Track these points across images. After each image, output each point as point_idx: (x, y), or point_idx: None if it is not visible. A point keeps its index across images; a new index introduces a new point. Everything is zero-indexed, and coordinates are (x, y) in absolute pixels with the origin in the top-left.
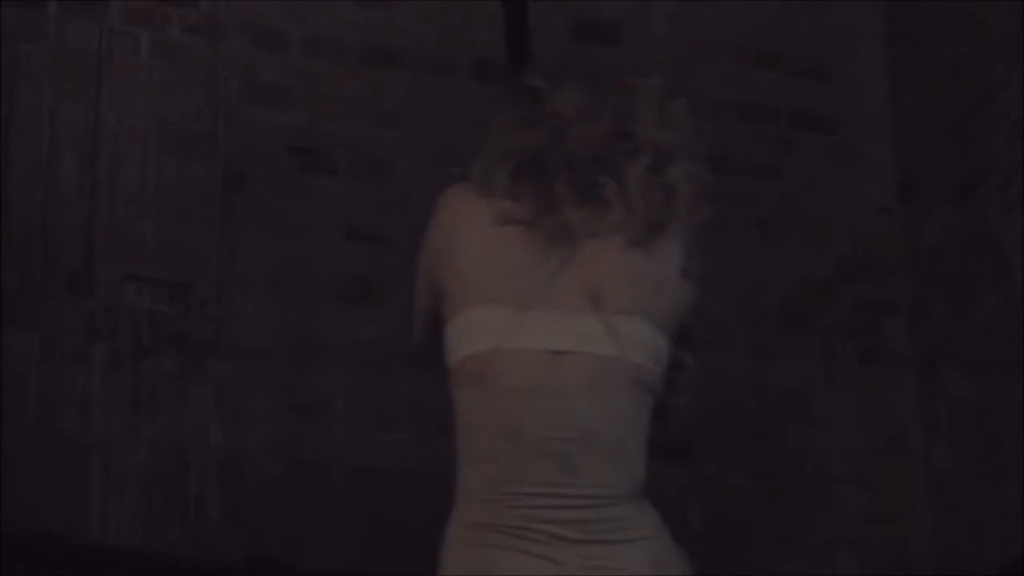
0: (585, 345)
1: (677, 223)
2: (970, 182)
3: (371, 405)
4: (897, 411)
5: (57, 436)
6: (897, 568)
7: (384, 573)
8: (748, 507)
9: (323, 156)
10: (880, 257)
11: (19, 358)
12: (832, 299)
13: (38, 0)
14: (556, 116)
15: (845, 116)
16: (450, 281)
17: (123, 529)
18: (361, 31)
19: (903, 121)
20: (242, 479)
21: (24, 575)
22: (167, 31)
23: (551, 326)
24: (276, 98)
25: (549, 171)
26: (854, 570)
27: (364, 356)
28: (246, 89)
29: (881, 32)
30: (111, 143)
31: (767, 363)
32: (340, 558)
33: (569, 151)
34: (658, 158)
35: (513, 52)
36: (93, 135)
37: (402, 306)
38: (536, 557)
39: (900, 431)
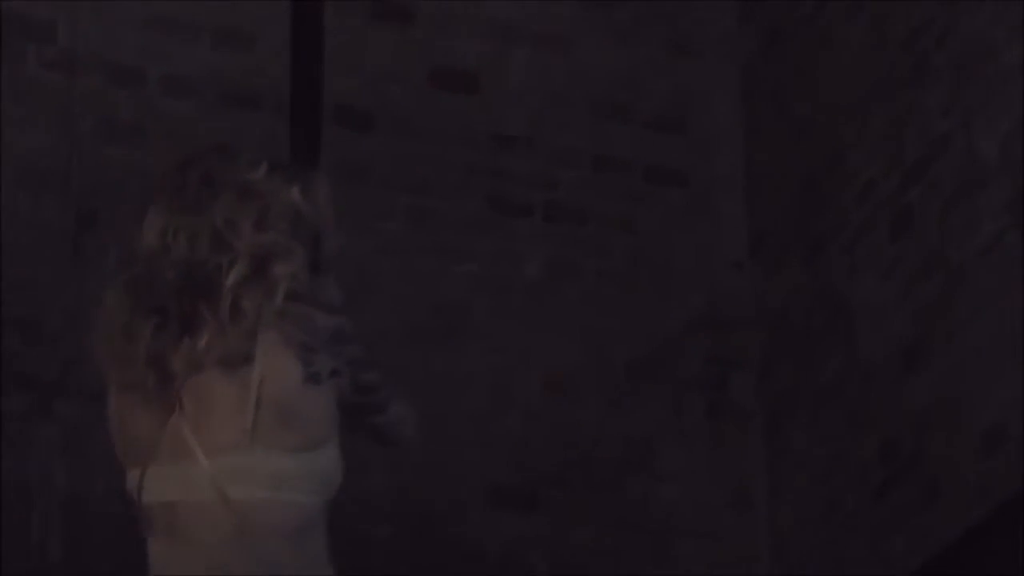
0: (188, 494)
1: (281, 329)
2: (820, 241)
3: None
4: (742, 466)
5: None
6: None
7: None
8: (592, 558)
9: None
10: (730, 312)
11: None
12: (681, 353)
13: None
14: (146, 250)
15: (699, 171)
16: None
17: None
18: (219, 72)
19: (756, 178)
20: (87, 520)
21: None
22: (24, 66)
23: (163, 479)
24: (132, 137)
25: (145, 321)
26: None
27: None
28: (101, 127)
29: (736, 89)
30: None
31: (615, 415)
32: None
33: (165, 281)
34: (258, 263)
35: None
36: None
37: None
38: None
39: (745, 486)
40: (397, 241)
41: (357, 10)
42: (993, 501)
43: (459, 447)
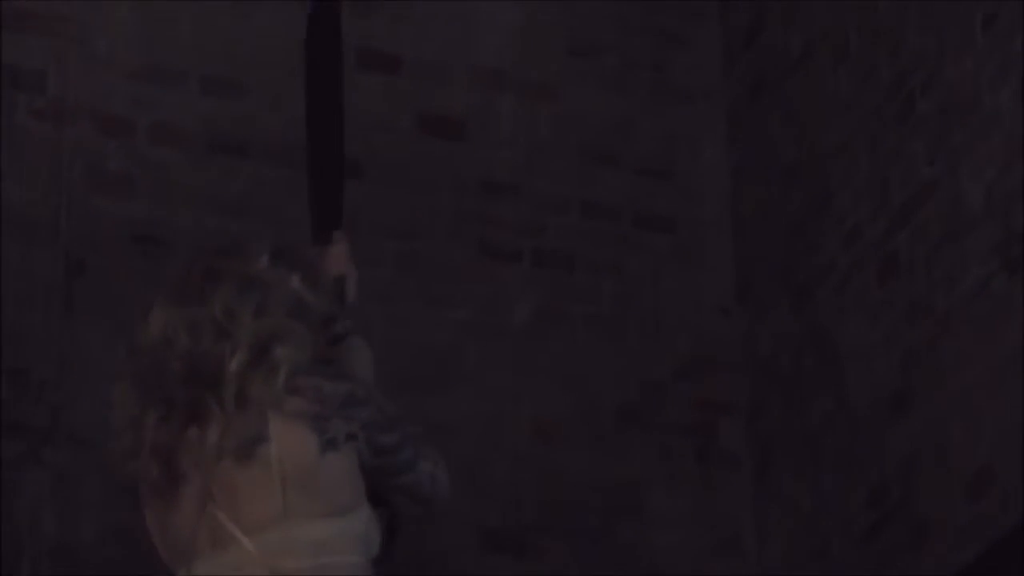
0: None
1: (291, 405)
2: (807, 285)
3: None
4: (732, 511)
5: None
6: None
7: None
8: None
9: (167, 245)
10: (718, 357)
11: None
12: (670, 398)
13: None
14: (150, 344)
15: (686, 216)
16: None
17: None
18: (207, 120)
19: (743, 223)
20: (76, 567)
21: None
22: (14, 117)
23: (212, 570)
24: (121, 186)
25: (149, 411)
26: None
27: None
28: (91, 176)
29: (722, 135)
30: None
31: (604, 460)
32: None
33: (171, 372)
34: (259, 349)
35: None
36: None
37: None
38: None
39: (734, 531)
40: (386, 287)
41: (344, 58)
42: (981, 544)
43: (450, 493)
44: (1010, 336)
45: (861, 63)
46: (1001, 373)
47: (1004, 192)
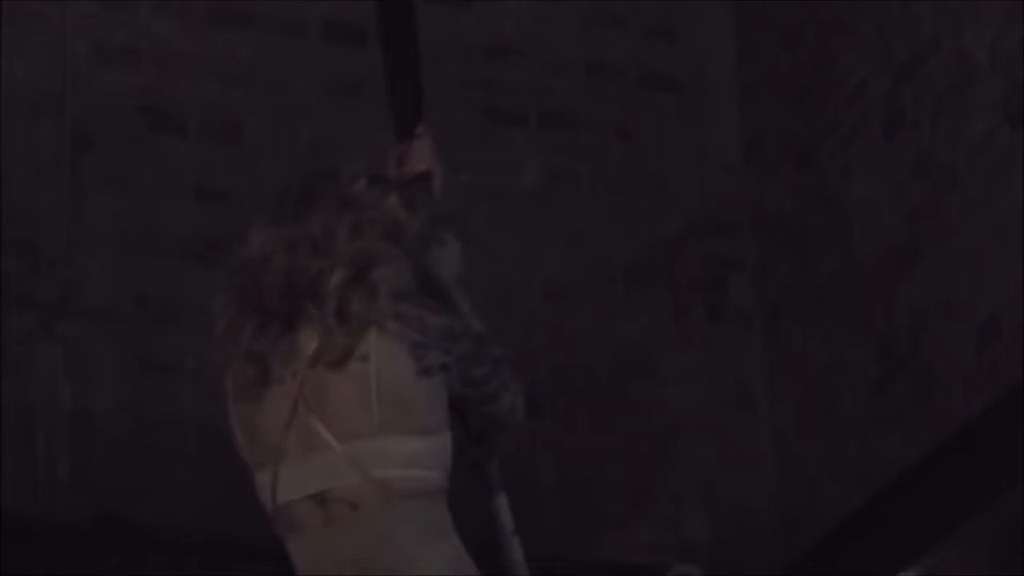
0: (333, 481)
1: (394, 328)
2: (813, 142)
3: None
4: (742, 367)
5: None
6: (741, 520)
7: (232, 532)
8: (597, 461)
9: (172, 117)
10: (726, 215)
11: None
12: (679, 256)
13: None
14: (249, 261)
15: (692, 77)
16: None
17: None
18: None
19: (749, 83)
20: (91, 439)
21: None
22: None
23: (301, 474)
24: (125, 59)
25: (247, 321)
26: (699, 522)
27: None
28: (95, 50)
29: None
30: None
31: (615, 320)
32: (189, 517)
33: (269, 287)
34: (357, 268)
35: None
36: None
37: None
38: None
39: (745, 387)
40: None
41: None
42: (988, 396)
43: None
44: (1014, 189)
45: None
46: (1006, 226)
47: (1007, 47)
